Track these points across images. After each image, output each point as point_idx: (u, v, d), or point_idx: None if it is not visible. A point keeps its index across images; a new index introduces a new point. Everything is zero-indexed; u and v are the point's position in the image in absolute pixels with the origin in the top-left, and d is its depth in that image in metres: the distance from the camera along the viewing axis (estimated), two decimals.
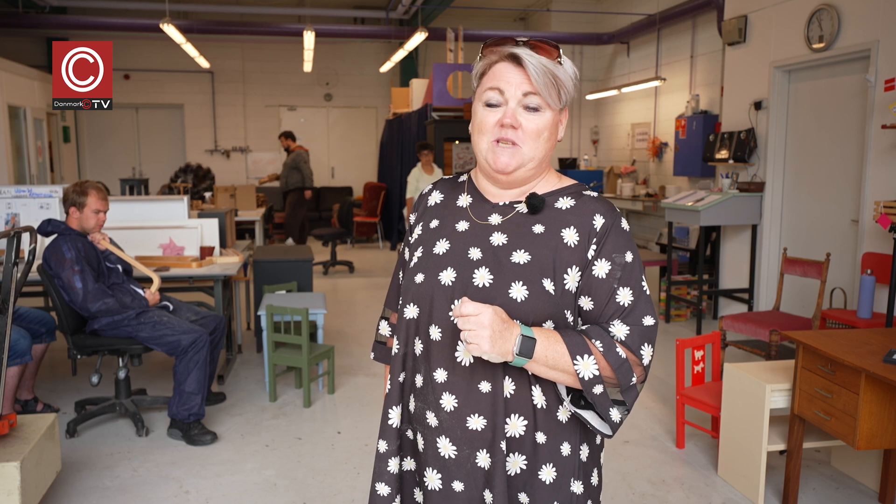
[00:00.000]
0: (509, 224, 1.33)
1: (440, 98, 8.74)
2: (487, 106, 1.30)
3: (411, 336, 1.37)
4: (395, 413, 1.41)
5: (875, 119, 4.60)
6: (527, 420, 1.29)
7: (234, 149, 12.63)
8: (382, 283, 8.18)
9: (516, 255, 1.29)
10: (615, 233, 1.29)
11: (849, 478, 3.27)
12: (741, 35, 5.90)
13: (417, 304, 1.35)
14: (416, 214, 1.49)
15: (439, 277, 1.32)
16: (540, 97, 1.27)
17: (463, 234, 1.35)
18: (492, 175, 1.34)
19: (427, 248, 1.38)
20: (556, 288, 1.27)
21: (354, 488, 3.20)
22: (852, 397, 2.58)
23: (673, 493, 3.14)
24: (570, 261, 1.28)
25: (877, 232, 4.58)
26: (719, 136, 6.16)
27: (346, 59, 12.85)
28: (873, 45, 4.61)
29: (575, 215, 1.31)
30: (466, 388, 1.29)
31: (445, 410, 1.30)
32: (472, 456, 1.29)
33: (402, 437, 1.41)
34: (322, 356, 4.31)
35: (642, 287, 1.29)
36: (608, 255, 1.28)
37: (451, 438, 1.30)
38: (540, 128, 1.28)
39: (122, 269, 3.88)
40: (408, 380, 1.39)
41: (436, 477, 1.33)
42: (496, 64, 1.30)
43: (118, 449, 3.60)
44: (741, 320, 4.42)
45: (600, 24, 11.64)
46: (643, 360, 1.26)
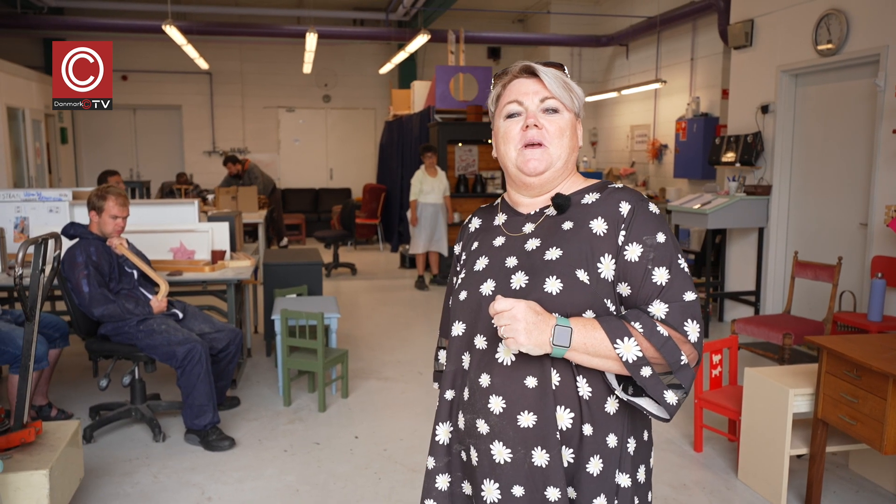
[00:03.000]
0: (541, 229, 1.37)
1: (443, 100, 8.74)
2: (509, 118, 1.37)
3: (460, 353, 1.40)
4: (443, 429, 1.43)
5: (884, 123, 4.64)
6: (573, 412, 1.29)
7: (232, 150, 12.57)
8: (385, 286, 8.18)
9: (549, 253, 1.32)
10: (642, 215, 1.32)
11: (868, 481, 3.30)
12: (748, 39, 5.94)
13: (464, 321, 1.39)
14: (460, 244, 1.54)
15: (480, 290, 1.36)
16: (557, 100, 1.35)
17: (499, 248, 1.40)
18: (523, 182, 1.38)
19: (469, 267, 1.43)
20: (591, 277, 1.29)
21: (377, 494, 3.20)
22: (879, 402, 2.60)
23: (695, 497, 3.16)
24: (601, 249, 1.30)
25: (886, 235, 4.62)
26: (725, 139, 6.19)
27: (344, 61, 12.83)
28: (882, 51, 4.65)
29: (601, 206, 1.34)
30: (512, 387, 1.30)
31: (494, 414, 1.31)
32: (528, 456, 1.30)
33: (453, 456, 1.42)
34: (336, 360, 4.31)
35: (679, 265, 1.30)
36: (638, 238, 1.30)
37: (504, 441, 1.31)
38: (562, 127, 1.35)
39: (137, 274, 3.86)
40: (456, 396, 1.41)
41: (493, 488, 1.32)
42: (511, 82, 1.38)
43: (136, 455, 3.58)
44: (753, 323, 4.44)
45: (599, 27, 11.67)
46: (689, 336, 1.26)
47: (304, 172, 13.05)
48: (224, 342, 3.91)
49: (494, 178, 8.83)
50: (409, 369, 5.00)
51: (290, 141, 13.02)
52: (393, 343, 5.68)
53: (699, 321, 1.28)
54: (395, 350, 5.48)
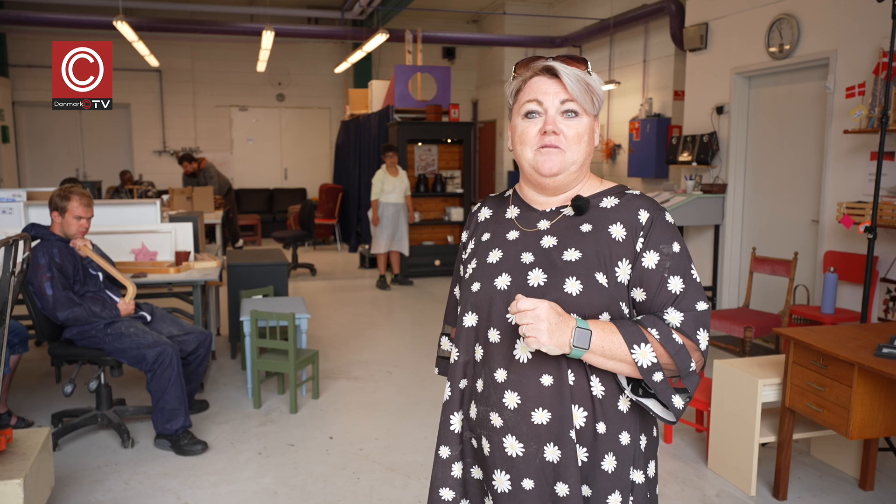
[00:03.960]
0: (557, 227, 1.38)
1: (402, 100, 8.73)
2: (527, 117, 1.36)
3: (471, 343, 1.40)
4: (457, 419, 1.44)
5: (834, 124, 4.84)
6: (587, 411, 1.32)
7: (183, 149, 12.29)
8: (346, 286, 8.13)
9: (567, 253, 1.34)
10: (660, 225, 1.35)
11: (829, 466, 3.45)
12: (703, 42, 6.12)
13: (476, 312, 1.39)
14: (467, 231, 1.55)
15: (495, 283, 1.37)
16: (577, 103, 1.33)
17: (514, 242, 1.41)
18: (538, 182, 1.39)
19: (481, 259, 1.43)
20: (609, 281, 1.31)
21: (357, 494, 3.19)
22: (845, 390, 2.72)
23: (669, 487, 3.25)
24: (620, 254, 1.33)
25: (837, 231, 4.82)
26: (682, 139, 6.36)
27: (298, 59, 12.69)
28: (832, 55, 4.85)
29: (620, 212, 1.36)
30: (528, 384, 1.32)
31: (509, 409, 1.33)
32: (540, 451, 1.32)
33: (465, 444, 1.44)
34: (307, 361, 4.27)
35: (692, 275, 1.34)
36: (656, 247, 1.33)
37: (518, 436, 1.33)
38: (580, 132, 1.34)
39: (102, 276, 3.76)
40: (469, 386, 1.42)
41: (504, 478, 1.35)
42: (532, 79, 1.36)
43: (104, 462, 3.49)
44: (715, 317, 4.58)
45: (553, 28, 11.83)
46: (700, 344, 1.30)
47: (258, 172, 12.86)
48: (193, 344, 3.84)
49: (454, 178, 8.87)
50: (378, 369, 4.99)
51: (243, 140, 12.81)
52: (359, 343, 5.66)
53: (709, 330, 1.33)
54: (362, 350, 5.45)
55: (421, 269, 8.41)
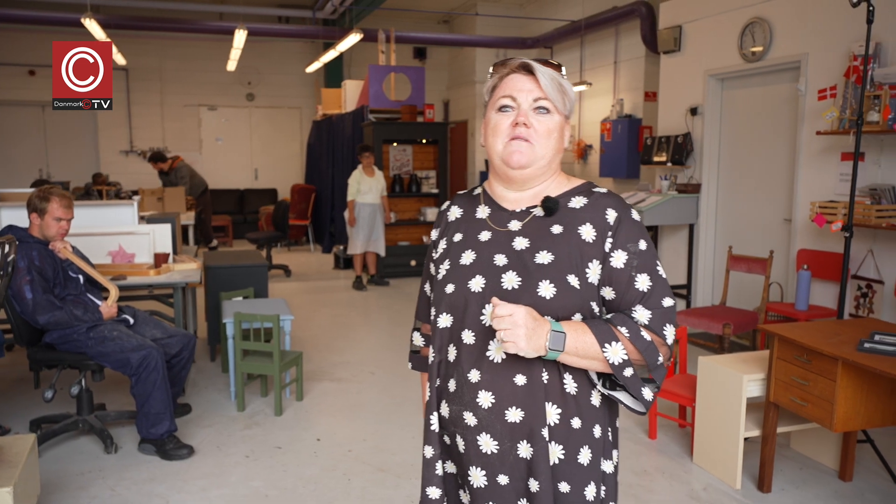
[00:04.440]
0: (529, 228, 1.41)
1: (376, 100, 8.71)
2: (501, 111, 1.40)
3: (445, 344, 1.44)
4: (436, 418, 1.47)
5: (806, 125, 4.97)
6: (560, 408, 1.36)
7: (151, 149, 12.08)
8: (322, 287, 8.08)
9: (539, 256, 1.36)
10: (627, 224, 1.39)
11: (809, 459, 3.54)
12: (676, 44, 6.22)
13: (451, 313, 1.42)
14: (437, 231, 1.56)
15: (469, 285, 1.39)
16: (549, 101, 1.38)
17: (486, 243, 1.43)
18: (507, 174, 1.42)
19: (454, 260, 1.45)
20: (581, 282, 1.35)
21: (349, 495, 3.18)
22: (829, 384, 2.80)
23: (657, 483, 3.30)
24: (590, 255, 1.36)
25: (810, 230, 4.95)
26: (657, 140, 6.46)
27: (268, 59, 12.56)
28: (803, 58, 4.98)
29: (589, 212, 1.39)
30: (502, 384, 1.35)
31: (483, 408, 1.36)
32: (514, 448, 1.36)
33: (440, 443, 1.47)
34: (291, 363, 4.24)
35: (658, 272, 1.39)
36: (623, 246, 1.37)
37: (492, 434, 1.36)
38: (550, 128, 1.39)
39: (83, 279, 3.69)
40: (440, 386, 1.45)
41: (480, 474, 1.39)
42: (508, 76, 1.41)
43: (88, 468, 3.42)
44: (694, 315, 4.67)
45: (524, 29, 11.90)
46: (666, 339, 1.36)
47: (228, 173, 12.69)
48: (177, 347, 3.78)
49: (429, 178, 8.88)
50: (361, 370, 4.97)
51: (212, 140, 12.64)
52: (340, 344, 5.64)
53: (675, 325, 1.38)
54: (343, 351, 5.43)
55: (397, 269, 8.40)
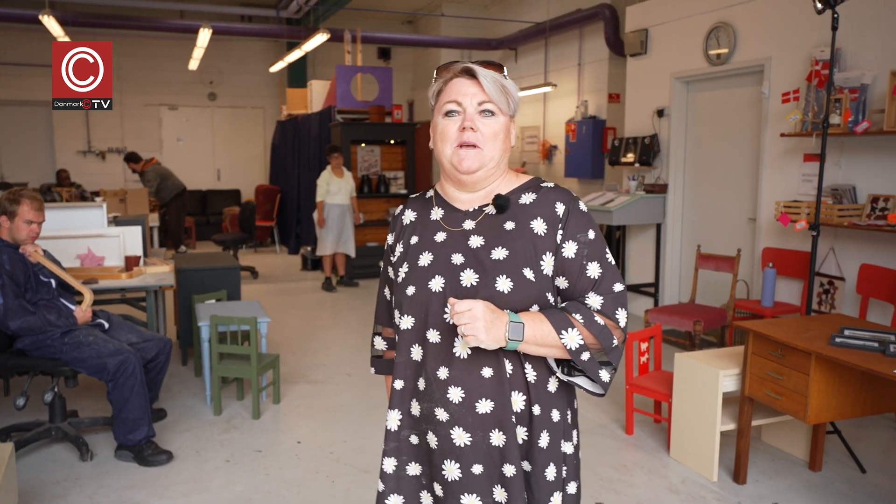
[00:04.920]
0: (482, 226, 1.46)
1: (344, 100, 8.68)
2: (447, 116, 1.45)
3: (410, 344, 1.47)
4: (394, 416, 1.51)
5: (769, 127, 5.12)
6: (525, 395, 1.43)
7: (110, 150, 11.83)
8: (291, 289, 8.02)
9: (495, 252, 1.42)
10: (575, 215, 1.45)
11: (780, 451, 3.66)
12: (643, 47, 6.35)
13: (413, 315, 1.46)
14: (393, 234, 1.60)
15: (429, 286, 1.44)
16: (493, 104, 1.43)
17: (443, 244, 1.48)
18: (457, 178, 1.47)
19: (412, 262, 1.49)
20: (536, 275, 1.41)
21: (334, 497, 3.18)
22: (803, 378, 2.90)
23: (636, 477, 3.38)
24: (543, 248, 1.43)
25: (774, 229, 5.10)
26: (624, 141, 6.58)
27: (230, 58, 12.40)
28: (766, 62, 5.13)
29: (539, 207, 1.46)
30: (470, 378, 1.41)
31: (454, 403, 1.42)
32: (487, 438, 1.42)
33: (402, 441, 1.51)
34: (269, 365, 4.21)
35: (607, 259, 1.46)
36: (573, 236, 1.43)
37: (464, 427, 1.42)
38: (496, 130, 1.44)
39: (55, 283, 3.60)
40: (407, 386, 1.49)
41: (454, 467, 1.44)
42: (452, 80, 1.45)
43: (63, 476, 3.35)
44: (665, 312, 4.77)
45: (489, 30, 11.98)
46: (619, 322, 1.43)
47: (190, 173, 12.40)
48: (153, 352, 3.73)
49: (397, 179, 8.88)
50: (337, 371, 4.96)
51: (173, 140, 12.42)
52: (314, 346, 5.61)
53: (626, 308, 1.45)
54: (317, 353, 5.41)
55: (366, 270, 8.38)
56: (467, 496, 1.43)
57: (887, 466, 3.50)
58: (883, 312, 4.34)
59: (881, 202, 4.34)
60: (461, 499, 1.43)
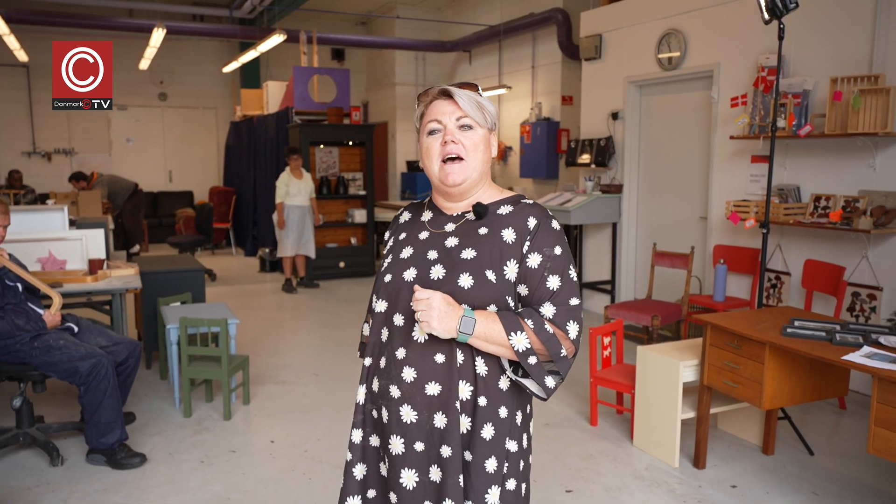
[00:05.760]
0: (460, 229, 1.61)
1: (302, 101, 8.67)
2: (430, 135, 1.60)
3: (381, 327, 1.62)
4: (361, 391, 1.66)
5: (719, 130, 5.37)
6: (472, 386, 1.54)
7: (56, 151, 11.53)
8: (251, 291, 7.98)
9: (465, 252, 1.56)
10: (545, 231, 1.58)
11: (735, 437, 3.86)
12: (597, 52, 6.55)
13: (386, 300, 1.62)
14: (389, 232, 1.77)
15: (403, 275, 1.60)
16: (470, 118, 1.57)
17: (423, 241, 1.63)
18: (445, 191, 1.62)
19: (395, 254, 1.66)
20: (497, 278, 1.54)
21: (311, 493, 3.23)
22: (758, 367, 3.10)
23: (602, 465, 3.53)
24: (509, 255, 1.55)
25: (725, 227, 5.35)
26: (580, 143, 6.77)
27: (181, 58, 12.23)
28: (715, 67, 5.38)
29: (513, 218, 1.60)
30: (423, 361, 1.54)
31: (406, 382, 1.55)
32: (431, 419, 1.54)
33: (367, 414, 1.65)
34: (239, 367, 4.23)
35: (569, 275, 1.57)
36: (539, 249, 1.56)
37: (412, 405, 1.54)
38: (476, 141, 1.59)
39: (21, 287, 3.56)
40: (373, 364, 1.64)
41: (399, 442, 1.56)
42: (432, 103, 1.61)
43: (35, 482, 3.32)
44: (624, 308, 4.96)
45: (444, 33, 12.10)
46: (569, 334, 1.53)
47: (140, 175, 12.15)
48: (123, 355, 3.71)
49: (356, 180, 8.91)
50: (304, 371, 5.00)
51: (122, 141, 12.18)
52: (278, 347, 5.62)
53: (579, 323, 1.55)
54: (283, 354, 5.43)
55: (326, 271, 8.39)
56: (406, 471, 1.55)
57: (832, 449, 3.74)
58: (826, 304, 4.61)
59: (823, 201, 4.61)
60: (401, 472, 1.56)
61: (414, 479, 1.55)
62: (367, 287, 8.23)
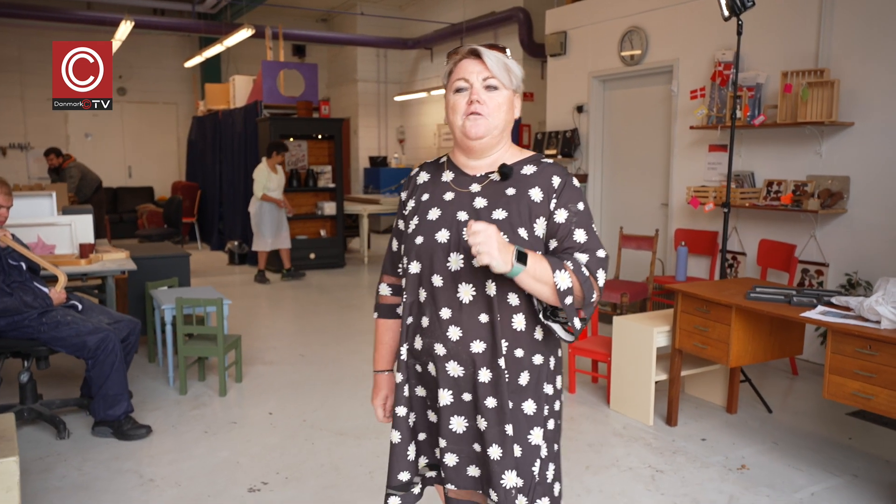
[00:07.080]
0: (486, 190, 1.68)
1: (270, 95, 8.78)
2: (457, 92, 1.70)
3: (416, 287, 1.73)
4: (405, 349, 1.78)
5: (678, 121, 5.74)
6: (508, 342, 1.69)
7: (11, 145, 11.32)
8: (224, 283, 8.06)
9: (496, 213, 1.63)
10: (569, 189, 1.72)
11: (700, 399, 4.20)
12: (562, 48, 6.87)
13: (420, 261, 1.71)
14: (406, 192, 1.85)
15: (436, 237, 1.66)
16: (497, 79, 1.63)
17: (450, 202, 1.69)
18: (466, 145, 1.72)
19: (422, 216, 1.71)
20: (529, 235, 1.67)
21: (316, 454, 3.43)
22: (725, 328, 3.43)
23: (582, 426, 3.82)
24: (537, 213, 1.64)
25: (685, 212, 5.72)
26: (547, 135, 7.09)
27: (141, 52, 12.13)
28: (675, 62, 5.74)
29: (538, 178, 1.72)
30: (468, 321, 1.66)
31: (452, 340, 1.67)
32: (476, 374, 1.68)
33: (409, 369, 1.78)
34: (233, 345, 4.38)
35: (593, 229, 1.73)
36: (565, 205, 1.69)
37: (459, 361, 1.67)
38: (500, 102, 1.64)
39: (25, 266, 3.66)
40: (413, 322, 1.75)
41: (447, 394, 1.70)
42: (461, 61, 1.70)
43: (45, 453, 3.43)
44: None
45: (405, 30, 12.31)
46: (599, 281, 1.62)
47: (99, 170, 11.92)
48: (124, 332, 3.83)
49: (325, 173, 9.06)
50: (290, 353, 5.16)
51: (80, 136, 12.02)
52: (261, 332, 5.77)
53: (606, 272, 1.70)
54: (267, 338, 5.58)
55: (297, 262, 8.51)
56: (456, 417, 1.68)
57: (788, 407, 4.11)
58: (779, 280, 5.01)
59: (775, 185, 5.00)
60: (450, 420, 1.68)
61: (463, 424, 1.67)
62: (339, 278, 8.40)
